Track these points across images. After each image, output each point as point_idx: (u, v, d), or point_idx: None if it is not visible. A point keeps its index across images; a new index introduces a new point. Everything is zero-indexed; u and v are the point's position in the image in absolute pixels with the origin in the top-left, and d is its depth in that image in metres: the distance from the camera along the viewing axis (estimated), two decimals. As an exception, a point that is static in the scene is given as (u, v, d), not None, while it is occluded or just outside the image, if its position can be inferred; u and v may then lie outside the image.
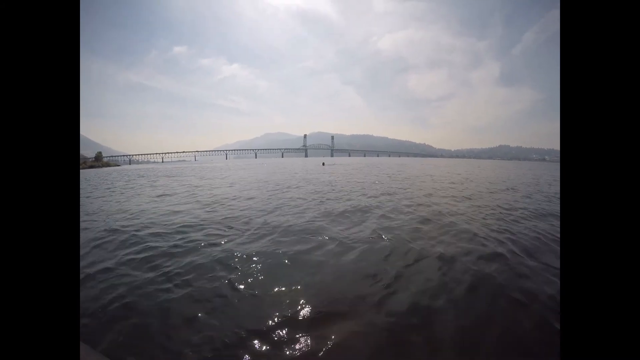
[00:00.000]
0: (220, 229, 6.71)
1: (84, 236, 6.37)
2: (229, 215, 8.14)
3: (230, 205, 9.93)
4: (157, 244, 5.66)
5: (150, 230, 6.71)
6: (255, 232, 6.42)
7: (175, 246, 5.53)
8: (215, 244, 5.61)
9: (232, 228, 6.79)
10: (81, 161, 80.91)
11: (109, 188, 17.52)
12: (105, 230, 6.86)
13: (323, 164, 47.81)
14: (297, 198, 11.28)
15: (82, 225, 7.45)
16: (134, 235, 6.35)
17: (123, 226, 7.17)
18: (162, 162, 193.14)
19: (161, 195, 13.28)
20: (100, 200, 12.54)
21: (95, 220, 8.11)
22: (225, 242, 5.72)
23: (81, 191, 15.32)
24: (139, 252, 5.28)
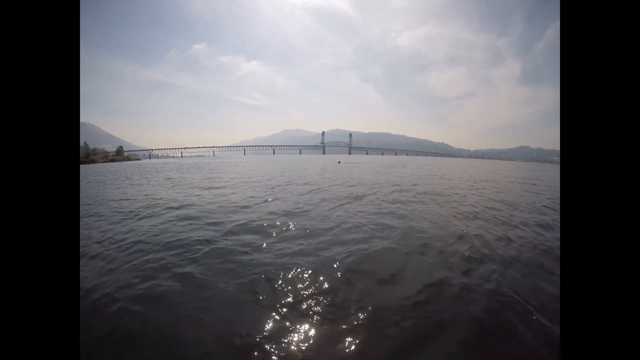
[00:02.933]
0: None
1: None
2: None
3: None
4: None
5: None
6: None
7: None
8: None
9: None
10: (102, 155, 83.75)
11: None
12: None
13: (339, 162, 46.93)
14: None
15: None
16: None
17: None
18: (182, 156, 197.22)
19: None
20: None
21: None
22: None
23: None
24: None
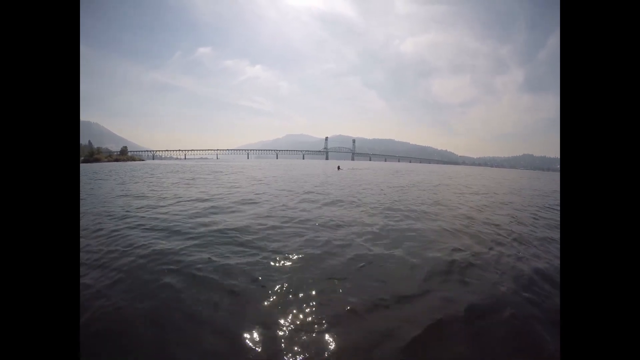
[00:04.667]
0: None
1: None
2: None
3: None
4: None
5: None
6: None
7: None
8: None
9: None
10: (107, 154, 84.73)
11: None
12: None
13: (338, 167, 44.85)
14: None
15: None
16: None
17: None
18: (185, 158, 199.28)
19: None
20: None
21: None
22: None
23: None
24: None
